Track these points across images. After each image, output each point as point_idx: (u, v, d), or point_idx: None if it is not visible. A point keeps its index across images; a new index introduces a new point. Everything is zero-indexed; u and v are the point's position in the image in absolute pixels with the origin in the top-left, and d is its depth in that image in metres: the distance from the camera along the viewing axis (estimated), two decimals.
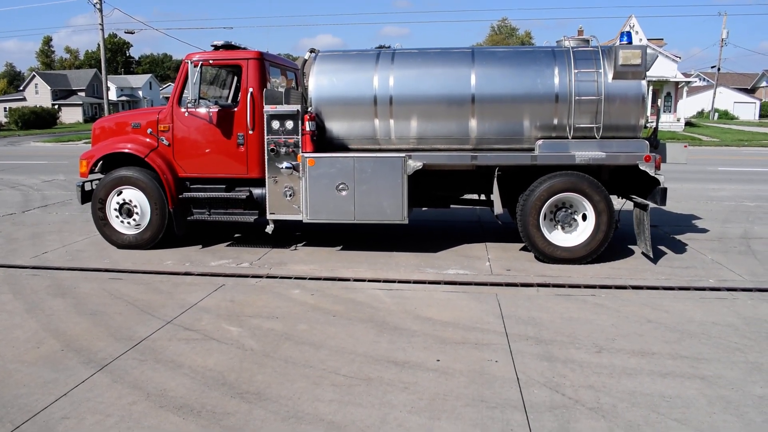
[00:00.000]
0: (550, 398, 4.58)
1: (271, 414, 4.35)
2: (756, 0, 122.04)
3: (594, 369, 5.09)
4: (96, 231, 9.49)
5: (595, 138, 8.36)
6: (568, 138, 8.44)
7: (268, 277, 7.79)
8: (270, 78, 9.07)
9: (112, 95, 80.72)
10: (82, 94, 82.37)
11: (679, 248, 9.33)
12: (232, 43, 9.19)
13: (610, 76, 8.26)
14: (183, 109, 8.97)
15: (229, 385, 4.80)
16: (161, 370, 5.07)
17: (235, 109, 8.91)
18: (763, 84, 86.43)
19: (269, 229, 8.86)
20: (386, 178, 8.31)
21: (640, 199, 8.51)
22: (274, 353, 5.40)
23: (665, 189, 8.24)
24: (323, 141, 8.72)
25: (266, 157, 8.65)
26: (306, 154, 8.44)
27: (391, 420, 4.26)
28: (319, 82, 8.70)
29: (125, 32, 51.05)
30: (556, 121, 8.42)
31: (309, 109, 8.64)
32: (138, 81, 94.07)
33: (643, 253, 8.71)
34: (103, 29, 42.06)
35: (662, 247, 9.31)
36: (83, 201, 9.51)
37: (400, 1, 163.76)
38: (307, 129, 8.46)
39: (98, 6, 41.00)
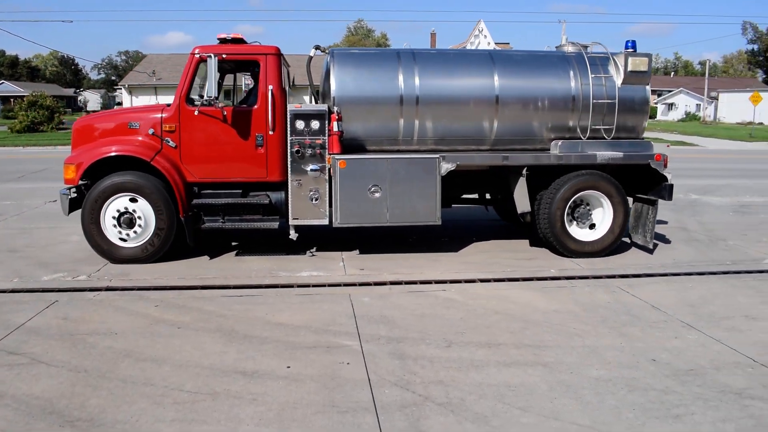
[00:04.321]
0: (401, 397, 4.56)
1: None
2: (590, 9, 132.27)
3: (443, 364, 5.16)
4: None
5: (605, 139, 8.85)
6: (581, 139, 8.84)
7: (107, 289, 7.25)
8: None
9: None
10: None
11: (523, 241, 9.77)
12: (241, 36, 8.59)
13: (619, 81, 8.81)
14: (193, 108, 8.22)
15: (58, 413, 4.36)
16: None
17: (254, 108, 8.33)
18: None
19: (293, 235, 8.42)
20: (420, 179, 8.23)
21: (646, 196, 8.99)
22: (112, 373, 4.99)
23: (672, 185, 8.79)
24: (341, 141, 8.36)
25: (290, 159, 8.20)
26: (337, 156, 8.11)
27: None
28: (342, 82, 8.42)
29: None
30: (571, 123, 8.82)
31: (335, 109, 8.21)
32: None
33: (636, 244, 9.24)
34: None
35: (506, 241, 9.73)
36: (70, 210, 8.38)
37: None
38: (335, 129, 8.12)
39: None
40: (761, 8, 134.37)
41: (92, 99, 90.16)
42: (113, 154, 8.20)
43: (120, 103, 53.77)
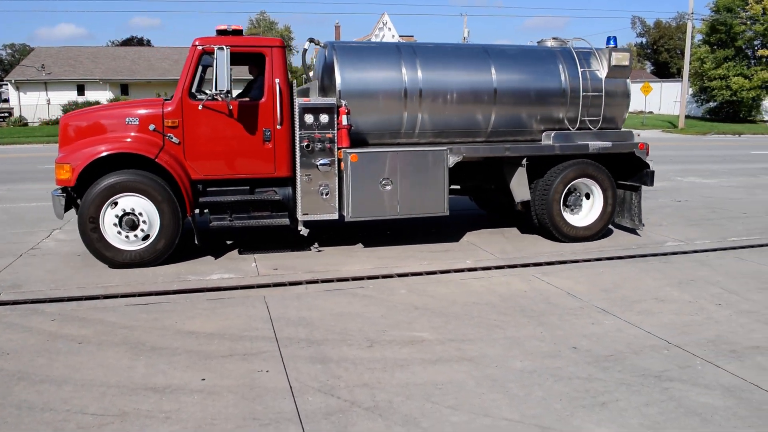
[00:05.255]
0: (326, 403, 4.36)
1: None
2: (491, 3, 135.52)
3: (367, 365, 4.98)
4: None
5: (591, 129, 9.28)
6: (570, 130, 9.23)
7: None
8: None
9: None
10: None
11: (435, 232, 9.76)
12: (240, 28, 8.17)
13: (604, 74, 9.26)
14: (197, 102, 7.86)
15: None
16: None
17: (261, 102, 8.04)
18: None
19: (304, 231, 8.28)
20: (429, 171, 8.29)
21: (628, 183, 9.50)
22: (4, 399, 4.51)
23: (653, 171, 9.27)
24: (350, 135, 8.27)
25: (299, 154, 8.02)
26: (348, 150, 7.99)
27: None
28: (347, 75, 8.35)
29: None
30: (561, 115, 9.18)
31: (343, 103, 8.10)
32: None
33: (623, 226, 9.82)
34: None
35: (419, 234, 9.68)
36: (66, 210, 7.77)
37: None
38: (344, 123, 8.03)
39: None
40: (648, 4, 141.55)
41: None
42: (115, 152, 7.66)
43: (7, 100, 50.32)
